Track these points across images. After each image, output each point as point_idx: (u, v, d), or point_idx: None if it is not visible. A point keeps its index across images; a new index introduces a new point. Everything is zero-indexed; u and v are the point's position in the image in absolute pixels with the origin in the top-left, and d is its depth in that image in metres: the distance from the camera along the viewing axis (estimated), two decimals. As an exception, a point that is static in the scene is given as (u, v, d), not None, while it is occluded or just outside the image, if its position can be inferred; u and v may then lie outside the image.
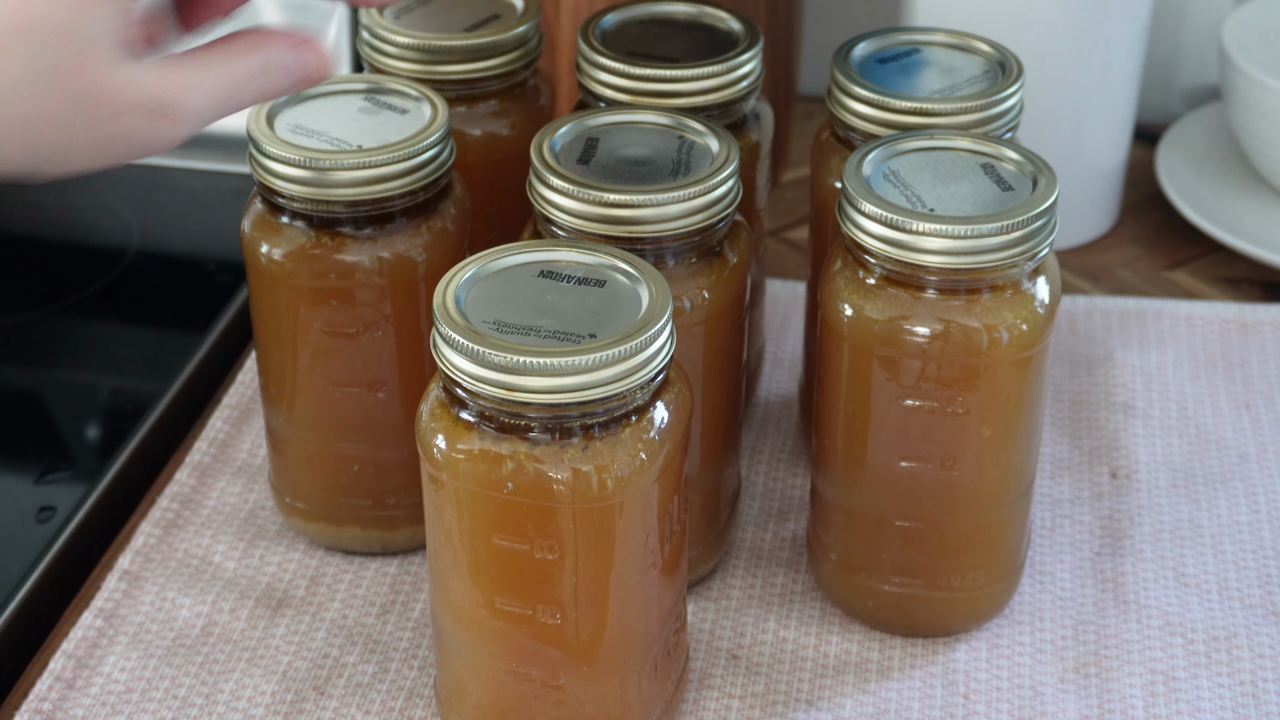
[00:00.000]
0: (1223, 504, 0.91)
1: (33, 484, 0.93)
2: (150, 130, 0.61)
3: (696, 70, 0.85)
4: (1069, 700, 0.81)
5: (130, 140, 0.61)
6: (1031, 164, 0.78)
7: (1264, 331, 1.03)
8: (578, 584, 0.71)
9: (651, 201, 0.76)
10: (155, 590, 0.87)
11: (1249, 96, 1.08)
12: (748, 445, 0.96)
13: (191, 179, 1.18)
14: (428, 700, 0.81)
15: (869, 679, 0.82)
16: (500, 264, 0.73)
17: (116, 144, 0.61)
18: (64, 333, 1.05)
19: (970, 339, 0.76)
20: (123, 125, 0.60)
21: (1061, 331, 1.03)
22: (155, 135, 0.61)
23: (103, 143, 0.60)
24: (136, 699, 0.81)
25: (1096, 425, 0.97)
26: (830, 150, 0.87)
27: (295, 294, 0.82)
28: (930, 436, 0.78)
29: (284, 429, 0.87)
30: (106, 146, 0.61)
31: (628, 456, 0.69)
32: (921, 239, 0.74)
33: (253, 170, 0.82)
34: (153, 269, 1.11)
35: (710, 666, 0.83)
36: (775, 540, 0.90)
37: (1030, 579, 0.87)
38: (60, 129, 0.59)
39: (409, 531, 0.88)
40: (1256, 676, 0.82)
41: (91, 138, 0.60)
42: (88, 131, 0.60)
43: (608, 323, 0.70)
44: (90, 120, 0.60)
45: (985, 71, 0.87)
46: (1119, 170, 1.12)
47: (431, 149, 0.81)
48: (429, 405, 0.71)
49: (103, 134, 0.60)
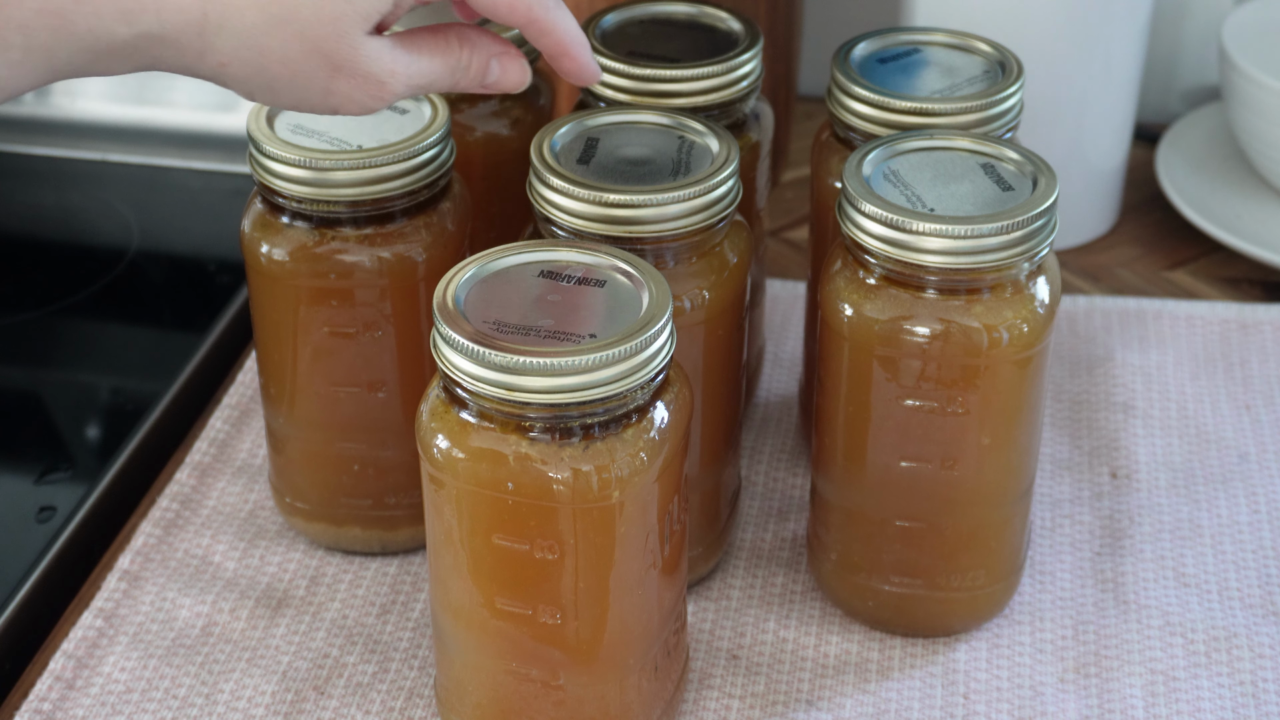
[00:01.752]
0: (1223, 504, 0.91)
1: (33, 484, 0.93)
2: (364, 95, 0.70)
3: (696, 70, 0.85)
4: (1069, 700, 0.81)
5: (344, 98, 0.70)
6: (1031, 164, 0.78)
7: (1264, 331, 1.03)
8: (578, 584, 0.71)
9: (651, 201, 0.76)
10: (155, 590, 0.87)
11: (1249, 96, 1.08)
12: (748, 445, 0.96)
13: (191, 179, 1.18)
14: (428, 700, 0.81)
15: (869, 679, 0.82)
16: (500, 264, 0.73)
17: (333, 98, 0.70)
18: (64, 333, 1.05)
19: (970, 339, 0.76)
20: (345, 85, 0.70)
21: (1061, 331, 1.03)
22: (365, 100, 0.71)
23: (323, 94, 0.70)
24: (136, 699, 0.81)
25: (1096, 425, 0.97)
26: (830, 150, 0.87)
27: (295, 294, 0.82)
28: (930, 436, 0.78)
29: (284, 429, 0.87)
30: (325, 99, 0.70)
31: (628, 456, 0.69)
32: (921, 239, 0.74)
33: (253, 170, 0.82)
34: (153, 269, 1.11)
35: (710, 666, 0.83)
36: (775, 540, 0.90)
37: (1030, 579, 0.87)
38: (296, 74, 0.69)
39: (409, 531, 0.88)
40: (1256, 676, 0.82)
41: (318, 88, 0.70)
42: (318, 83, 0.70)
43: (608, 323, 0.70)
44: (326, 75, 0.69)
45: (985, 71, 0.87)
46: (1119, 170, 1.12)
47: (431, 149, 0.81)
48: (429, 405, 0.72)
49: (329, 88, 0.70)
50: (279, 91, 0.70)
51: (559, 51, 0.75)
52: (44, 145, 1.22)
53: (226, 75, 0.69)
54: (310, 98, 0.71)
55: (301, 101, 0.71)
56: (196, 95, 1.21)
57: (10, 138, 1.23)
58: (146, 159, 1.20)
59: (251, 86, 0.70)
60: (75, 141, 1.21)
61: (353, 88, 0.70)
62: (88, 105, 1.23)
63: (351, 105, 0.71)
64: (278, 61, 0.69)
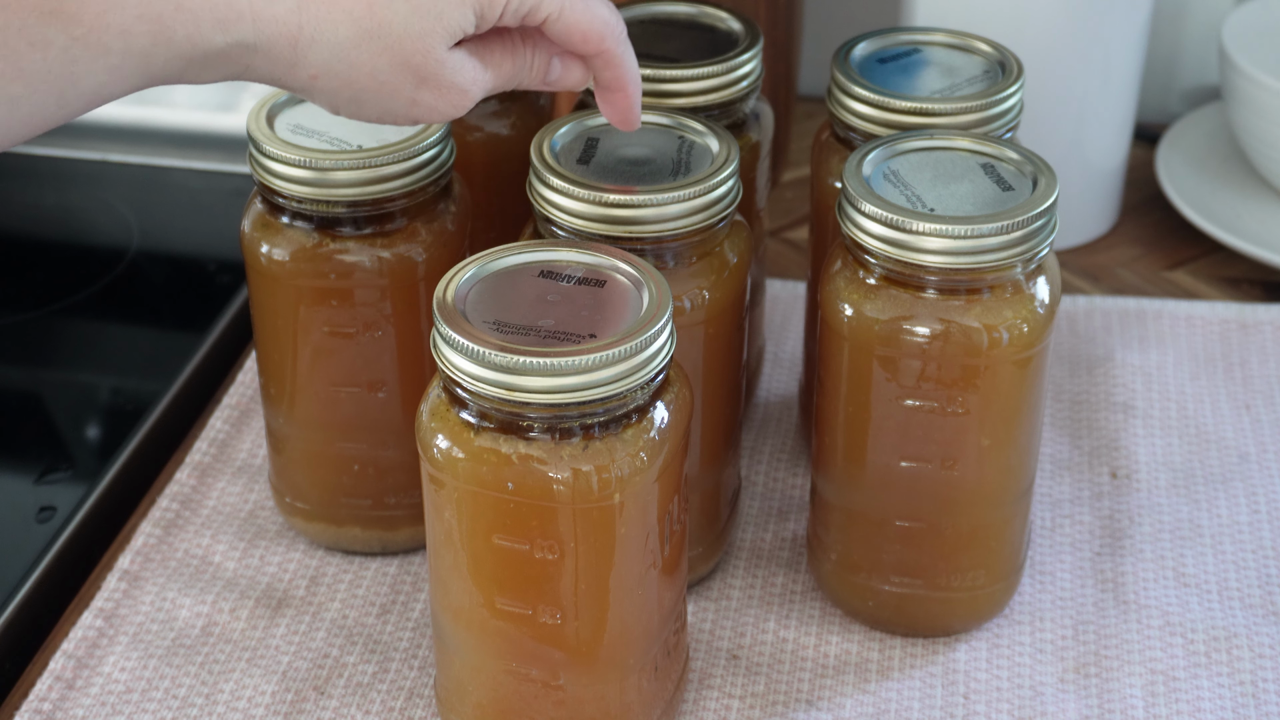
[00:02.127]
0: (1223, 504, 0.91)
1: (33, 484, 0.93)
2: (447, 105, 0.73)
3: (696, 70, 0.85)
4: (1069, 700, 0.81)
5: (428, 109, 0.73)
6: (1031, 164, 0.78)
7: (1264, 331, 1.03)
8: (578, 584, 0.71)
9: (651, 201, 0.76)
10: (155, 590, 0.87)
11: (1249, 96, 1.08)
12: (748, 445, 0.96)
13: (191, 179, 1.18)
14: (428, 700, 0.81)
15: (869, 679, 0.82)
16: (500, 264, 0.73)
17: (417, 109, 0.73)
18: (64, 333, 1.05)
19: (970, 339, 0.76)
20: (430, 97, 0.72)
21: (1061, 331, 1.03)
22: (448, 109, 0.73)
23: (408, 105, 0.72)
24: (136, 699, 0.81)
25: (1096, 425, 0.97)
26: (830, 150, 0.87)
27: (295, 294, 0.82)
28: (930, 436, 0.78)
29: (284, 429, 0.87)
30: (409, 109, 0.73)
31: (628, 456, 0.69)
32: (921, 239, 0.74)
33: (253, 170, 0.82)
34: (153, 269, 1.11)
35: (710, 666, 0.83)
36: (775, 540, 0.90)
37: (1030, 579, 0.87)
38: (382, 86, 0.71)
39: (409, 531, 0.88)
40: (1256, 676, 0.82)
41: (404, 100, 0.72)
42: (404, 95, 0.72)
43: (608, 323, 0.70)
44: (411, 87, 0.72)
45: (985, 71, 0.87)
46: (1119, 170, 1.12)
47: (431, 149, 0.81)
48: (429, 405, 0.71)
49: (414, 99, 0.72)
50: (364, 104, 0.72)
51: (617, 87, 0.77)
52: (44, 145, 1.22)
53: (315, 88, 0.71)
54: (395, 109, 0.72)
55: (386, 113, 0.73)
56: (197, 95, 1.21)
57: (10, 138, 1.23)
58: (146, 159, 1.20)
59: (339, 100, 0.72)
60: (75, 141, 1.21)
61: (437, 98, 0.72)
62: (88, 105, 1.23)
63: (435, 115, 0.73)
64: (367, 75, 0.71)
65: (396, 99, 0.72)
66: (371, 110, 0.72)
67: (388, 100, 0.72)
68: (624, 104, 0.77)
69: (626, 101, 0.77)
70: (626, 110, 0.78)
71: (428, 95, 0.72)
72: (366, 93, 0.71)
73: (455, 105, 0.73)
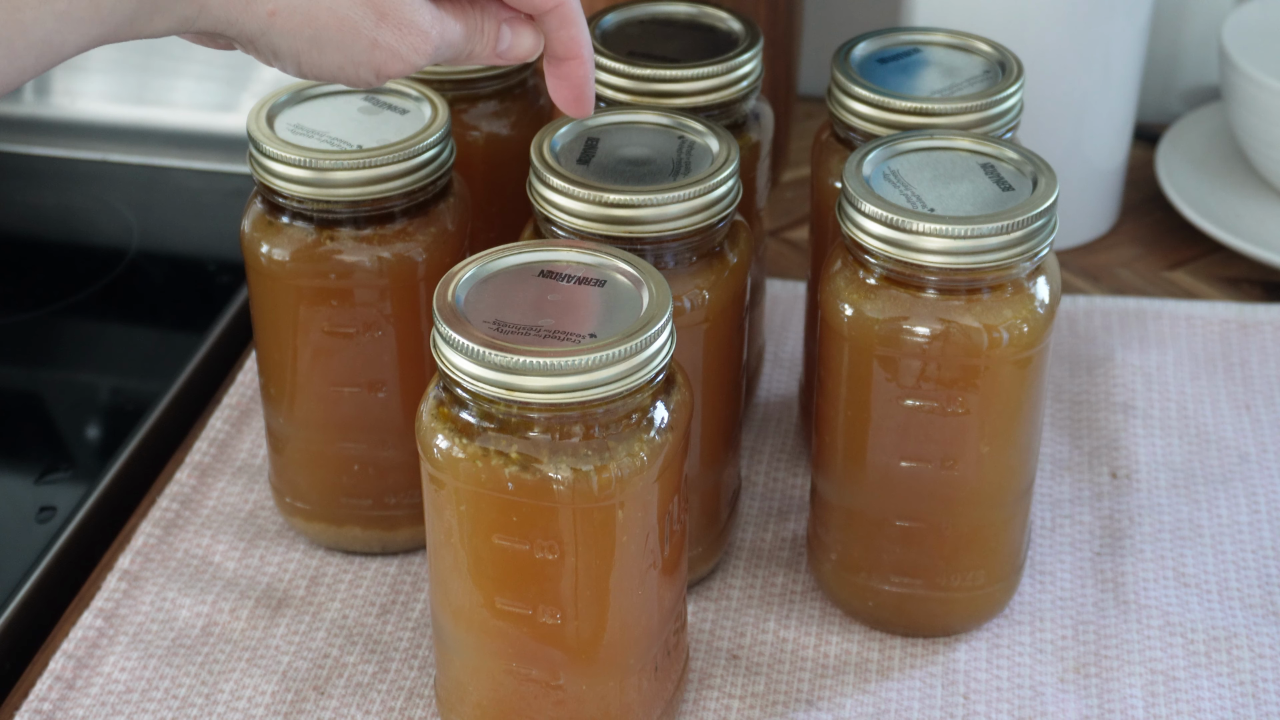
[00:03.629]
0: (1223, 504, 0.91)
1: (33, 484, 0.93)
2: (408, 49, 0.71)
3: (696, 70, 0.85)
4: (1069, 700, 0.81)
5: (389, 53, 0.71)
6: (1031, 164, 0.78)
7: (1264, 331, 1.03)
8: (578, 584, 0.71)
9: (651, 201, 0.76)
10: (155, 590, 0.87)
11: (1249, 96, 1.08)
12: (748, 445, 0.96)
13: (191, 179, 1.18)
14: (428, 700, 0.81)
15: (869, 679, 0.82)
16: (500, 264, 0.73)
17: (378, 52, 0.71)
18: (64, 333, 1.05)
19: (970, 339, 0.76)
20: (390, 37, 0.70)
21: (1061, 331, 1.03)
22: (409, 53, 0.71)
23: (369, 48, 0.70)
24: (136, 699, 0.81)
25: (1096, 425, 0.97)
26: (830, 150, 0.88)
27: (295, 294, 0.82)
28: (930, 436, 0.78)
29: (284, 429, 0.87)
30: (370, 53, 0.71)
31: (628, 456, 0.69)
32: (921, 239, 0.74)
33: (253, 170, 0.82)
34: (153, 269, 1.11)
35: (710, 666, 0.83)
36: (775, 540, 0.90)
37: (1030, 579, 0.87)
38: (343, 23, 0.69)
39: (409, 531, 0.88)
40: (1256, 676, 0.82)
41: (364, 40, 0.70)
42: (365, 35, 0.70)
43: (608, 323, 0.70)
44: (372, 24, 0.70)
45: (985, 71, 0.87)
46: (1119, 170, 1.12)
47: (431, 149, 0.81)
48: (429, 405, 0.71)
49: (375, 39, 0.70)
50: (325, 45, 0.70)
51: (571, 52, 0.75)
52: (44, 145, 1.22)
53: (274, 26, 0.69)
54: (356, 53, 0.70)
55: (347, 61, 0.71)
56: (196, 95, 1.21)
57: (10, 138, 1.23)
58: (146, 159, 1.20)
59: (299, 41, 0.69)
60: (75, 141, 1.22)
61: (398, 39, 0.71)
62: (88, 105, 1.23)
63: (395, 61, 0.71)
64: (326, 9, 0.69)
65: (358, 40, 0.70)
66: (332, 55, 0.70)
67: (349, 41, 0.70)
68: (579, 73, 0.75)
69: (582, 70, 0.75)
70: (581, 82, 0.75)
71: (388, 34, 0.70)
72: (327, 30, 0.69)
73: (415, 49, 0.71)
